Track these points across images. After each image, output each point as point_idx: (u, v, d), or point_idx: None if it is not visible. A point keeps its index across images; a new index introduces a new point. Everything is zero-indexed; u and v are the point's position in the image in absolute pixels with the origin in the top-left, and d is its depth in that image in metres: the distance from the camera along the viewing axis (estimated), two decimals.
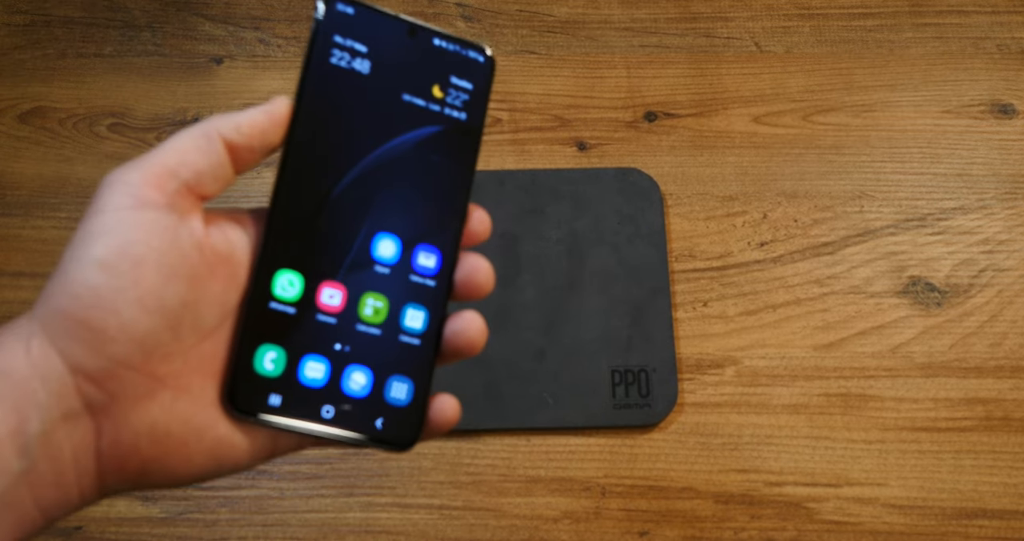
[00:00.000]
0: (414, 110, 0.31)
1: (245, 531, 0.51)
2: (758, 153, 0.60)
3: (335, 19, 0.30)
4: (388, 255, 0.30)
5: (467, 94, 0.31)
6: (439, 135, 0.31)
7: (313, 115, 0.29)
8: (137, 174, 0.27)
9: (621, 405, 0.53)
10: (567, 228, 0.57)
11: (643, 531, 0.51)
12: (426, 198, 0.31)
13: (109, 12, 0.63)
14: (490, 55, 0.32)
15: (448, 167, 0.31)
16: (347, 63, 0.30)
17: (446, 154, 0.31)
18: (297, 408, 0.29)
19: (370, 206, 0.30)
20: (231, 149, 0.28)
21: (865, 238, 0.57)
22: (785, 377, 0.54)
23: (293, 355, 0.29)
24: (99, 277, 0.25)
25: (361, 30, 0.30)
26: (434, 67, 0.31)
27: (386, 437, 0.29)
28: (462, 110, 0.31)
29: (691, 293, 0.56)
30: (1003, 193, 0.59)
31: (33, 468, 0.24)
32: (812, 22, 0.64)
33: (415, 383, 0.30)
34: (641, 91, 0.61)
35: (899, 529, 0.51)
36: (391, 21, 0.30)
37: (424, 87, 0.31)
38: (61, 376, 0.25)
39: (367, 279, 0.30)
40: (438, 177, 0.31)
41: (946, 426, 0.53)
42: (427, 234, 0.31)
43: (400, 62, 0.30)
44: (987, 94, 0.61)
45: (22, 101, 0.61)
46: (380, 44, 0.30)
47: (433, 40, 0.31)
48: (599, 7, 0.64)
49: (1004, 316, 0.55)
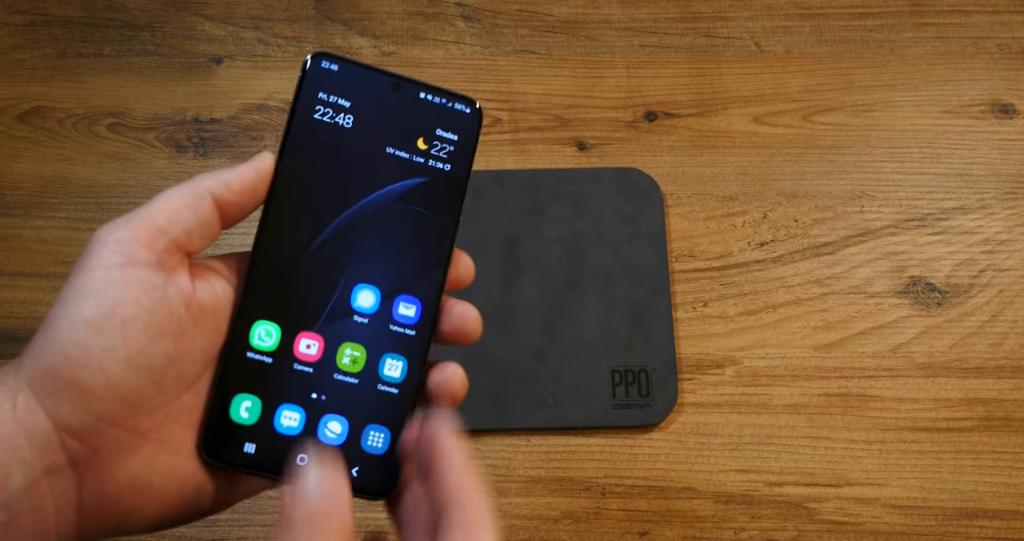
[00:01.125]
0: (397, 162, 0.31)
1: (245, 531, 0.51)
2: (758, 153, 0.60)
3: (319, 76, 0.31)
4: (367, 305, 0.31)
5: (452, 145, 0.32)
6: (422, 186, 0.31)
7: (295, 168, 0.30)
8: (126, 232, 0.27)
9: (621, 405, 0.53)
10: (567, 228, 0.57)
11: (643, 531, 0.51)
12: (407, 249, 0.31)
13: (108, 12, 0.63)
14: (478, 107, 0.32)
15: (430, 218, 0.31)
16: (330, 118, 0.31)
17: (428, 205, 0.31)
18: (271, 456, 0.29)
19: (349, 257, 0.31)
20: (220, 206, 0.28)
21: (865, 238, 0.57)
22: (785, 377, 0.54)
23: (269, 404, 0.29)
24: (89, 337, 0.25)
25: (345, 86, 0.31)
26: (418, 120, 0.32)
27: (361, 485, 0.30)
28: (447, 161, 0.32)
29: (691, 293, 0.56)
30: (1003, 193, 0.59)
31: (13, 520, 0.24)
32: (812, 22, 0.64)
33: (391, 432, 0.30)
34: (641, 91, 0.61)
35: (899, 529, 0.51)
36: (376, 76, 0.31)
37: (408, 139, 0.31)
38: (46, 432, 0.25)
39: (345, 329, 0.30)
40: (420, 227, 0.31)
41: (946, 426, 0.53)
42: (408, 285, 0.31)
43: (384, 116, 0.31)
44: (987, 94, 0.61)
45: (21, 101, 0.61)
46: (364, 99, 0.31)
47: (419, 94, 0.32)
48: (599, 7, 0.64)
49: (1004, 316, 0.55)
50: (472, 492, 0.26)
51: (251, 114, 0.61)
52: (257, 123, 0.60)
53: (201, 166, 0.59)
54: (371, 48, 0.63)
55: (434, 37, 0.63)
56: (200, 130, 0.60)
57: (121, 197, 0.58)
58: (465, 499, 0.26)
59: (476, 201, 0.57)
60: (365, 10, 0.64)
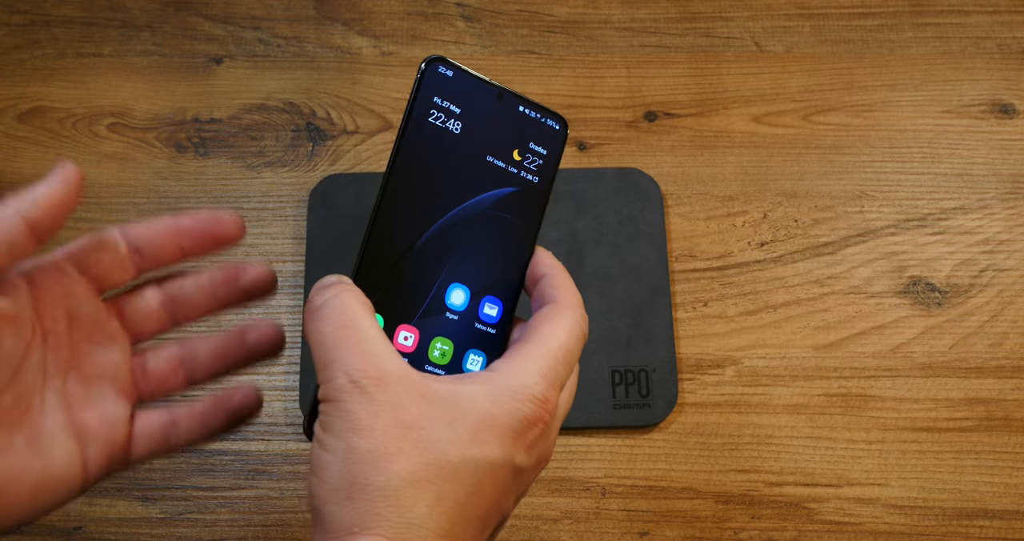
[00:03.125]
0: (495, 171, 0.33)
1: (245, 531, 0.51)
2: (758, 153, 0.60)
3: (436, 80, 0.32)
4: (458, 303, 0.33)
5: (541, 159, 0.34)
6: (513, 195, 0.33)
7: (408, 169, 0.32)
8: None
9: (621, 405, 0.53)
10: (567, 228, 0.57)
11: (643, 531, 0.51)
12: (495, 252, 0.33)
13: (108, 12, 0.63)
14: (566, 124, 0.34)
15: (517, 225, 0.34)
16: (442, 122, 0.32)
17: (517, 213, 0.34)
18: None
19: (447, 258, 0.33)
20: (30, 224, 0.29)
21: (865, 238, 0.57)
22: (785, 377, 0.54)
23: None
24: None
25: (457, 92, 0.33)
26: (516, 132, 0.34)
27: None
28: (535, 173, 0.34)
29: (691, 293, 0.56)
30: (1003, 193, 0.59)
31: None
32: (812, 22, 0.64)
33: None
34: (641, 91, 0.61)
35: (899, 529, 0.51)
36: (483, 86, 0.33)
37: (506, 150, 0.33)
38: None
39: (438, 324, 0.33)
40: (508, 234, 0.34)
41: (946, 426, 0.53)
42: (493, 286, 0.33)
43: (487, 125, 0.33)
44: (987, 94, 0.61)
45: (21, 101, 0.61)
46: (472, 107, 0.33)
47: (518, 106, 0.34)
48: (599, 7, 0.64)
49: (1005, 316, 0.55)
50: (559, 295, 0.32)
51: (251, 114, 0.61)
52: (257, 123, 0.60)
53: (201, 166, 0.59)
54: (371, 48, 0.63)
55: (434, 37, 0.63)
56: (200, 130, 0.60)
57: (121, 197, 0.58)
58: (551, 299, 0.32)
59: None
60: (365, 10, 0.64)
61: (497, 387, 0.29)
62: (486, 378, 0.29)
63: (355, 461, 0.26)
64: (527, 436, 0.29)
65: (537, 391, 0.29)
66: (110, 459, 0.32)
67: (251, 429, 0.53)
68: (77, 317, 0.32)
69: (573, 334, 0.31)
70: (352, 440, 0.27)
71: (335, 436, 0.27)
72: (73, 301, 0.32)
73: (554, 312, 0.31)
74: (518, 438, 0.29)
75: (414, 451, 0.27)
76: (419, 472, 0.27)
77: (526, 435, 0.29)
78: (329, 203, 0.57)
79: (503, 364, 0.30)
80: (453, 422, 0.28)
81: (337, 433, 0.27)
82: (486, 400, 0.28)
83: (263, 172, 0.59)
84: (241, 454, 0.52)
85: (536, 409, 0.29)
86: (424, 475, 0.27)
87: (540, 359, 0.30)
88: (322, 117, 0.61)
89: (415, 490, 0.26)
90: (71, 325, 0.32)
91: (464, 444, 0.27)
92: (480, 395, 0.28)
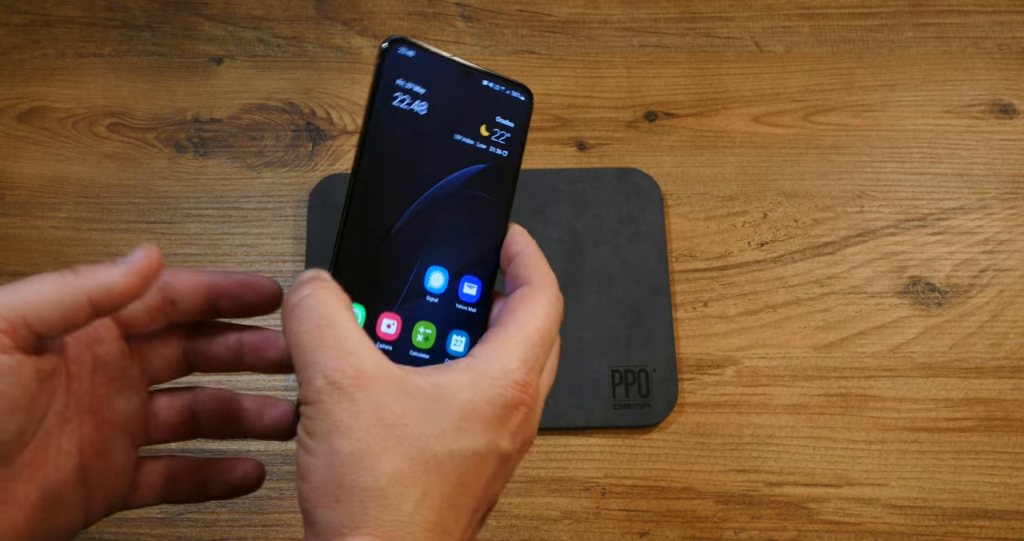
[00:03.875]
0: (464, 149, 0.32)
1: (245, 531, 0.51)
2: (758, 153, 0.60)
3: (397, 62, 0.31)
4: (438, 286, 0.33)
5: (509, 132, 0.33)
6: (484, 172, 0.33)
7: (377, 155, 0.31)
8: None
9: (621, 405, 0.53)
10: (567, 228, 0.57)
11: (643, 531, 0.51)
12: (470, 231, 0.33)
13: (108, 12, 0.63)
14: (531, 94, 0.33)
15: (490, 202, 0.33)
16: (407, 105, 0.31)
17: (489, 190, 0.33)
18: None
19: (423, 241, 0.32)
20: (95, 305, 0.28)
21: (865, 238, 0.57)
22: (785, 377, 0.54)
23: None
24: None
25: (421, 72, 0.32)
26: (482, 107, 0.33)
27: None
28: (504, 147, 0.33)
29: (691, 293, 0.56)
30: (1003, 193, 0.59)
31: None
32: (812, 22, 0.64)
33: None
34: (641, 91, 0.61)
35: (899, 529, 0.51)
36: (446, 63, 0.32)
37: (474, 127, 0.33)
38: None
39: (419, 309, 0.32)
40: (481, 211, 0.33)
41: (946, 426, 0.53)
42: (471, 265, 0.33)
43: (454, 103, 0.32)
44: (987, 94, 0.61)
45: (21, 101, 0.61)
46: (436, 86, 0.32)
47: (483, 81, 0.33)
48: (599, 7, 0.64)
49: (1005, 316, 0.55)
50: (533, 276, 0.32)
51: (251, 114, 0.61)
52: (257, 123, 0.60)
53: (201, 166, 0.59)
54: (371, 48, 0.63)
55: (434, 37, 0.63)
56: (200, 130, 0.60)
57: (121, 197, 0.58)
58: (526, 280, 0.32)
59: None
60: (365, 10, 0.64)
61: (478, 374, 0.29)
62: (466, 365, 0.29)
63: (340, 463, 0.26)
64: (511, 422, 0.29)
65: (518, 376, 0.29)
66: (109, 506, 0.32)
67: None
68: (102, 361, 0.32)
69: (550, 316, 0.31)
70: (335, 442, 0.27)
71: (318, 439, 0.27)
72: (101, 347, 0.31)
73: (530, 294, 0.31)
74: (502, 424, 0.29)
75: (398, 449, 0.27)
76: (405, 469, 0.27)
77: (509, 421, 0.29)
78: (329, 203, 0.57)
79: (482, 350, 0.30)
80: (436, 416, 0.27)
81: (320, 436, 0.27)
82: (468, 389, 0.28)
83: (263, 172, 0.59)
84: (241, 454, 0.52)
85: (518, 394, 0.29)
86: (411, 472, 0.27)
87: (519, 343, 0.30)
88: (322, 117, 0.61)
89: (402, 488, 0.26)
90: (94, 369, 0.31)
91: (449, 437, 0.27)
92: (462, 385, 0.28)
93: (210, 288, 0.32)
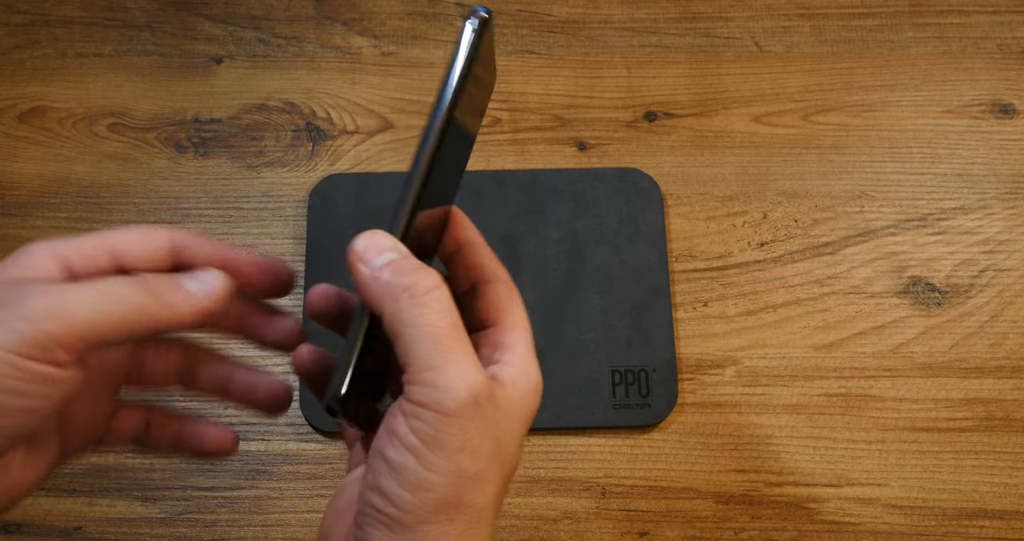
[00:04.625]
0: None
1: (245, 531, 0.51)
2: (758, 153, 0.60)
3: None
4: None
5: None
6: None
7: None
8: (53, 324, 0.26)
9: (621, 405, 0.53)
10: (567, 228, 0.57)
11: (643, 531, 0.51)
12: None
13: (108, 12, 0.63)
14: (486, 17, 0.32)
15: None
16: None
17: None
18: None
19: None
20: (151, 330, 0.27)
21: (865, 238, 0.57)
22: (785, 377, 0.54)
23: None
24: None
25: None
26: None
27: None
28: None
29: (691, 293, 0.56)
30: (1004, 193, 0.59)
31: None
32: (812, 22, 0.64)
33: None
34: (641, 91, 0.61)
35: (899, 529, 0.51)
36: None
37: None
38: None
39: None
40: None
41: (946, 426, 0.53)
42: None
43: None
44: (987, 94, 0.61)
45: (21, 101, 0.61)
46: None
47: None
48: (599, 7, 0.64)
49: (1005, 316, 0.55)
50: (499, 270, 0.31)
51: (251, 114, 0.61)
52: (257, 123, 0.60)
53: (201, 166, 0.59)
54: (371, 48, 0.63)
55: (434, 37, 0.63)
56: (200, 130, 0.60)
57: (121, 197, 0.58)
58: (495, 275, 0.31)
59: (476, 201, 0.57)
60: (365, 10, 0.64)
61: (524, 389, 0.29)
62: (513, 377, 0.29)
63: (462, 484, 0.26)
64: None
65: (540, 383, 0.30)
66: (84, 446, 0.32)
67: (251, 429, 0.53)
68: None
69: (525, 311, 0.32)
70: (462, 462, 0.26)
71: (443, 456, 0.26)
72: None
73: (506, 294, 0.31)
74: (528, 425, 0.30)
75: (499, 470, 0.28)
76: (499, 488, 0.28)
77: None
78: (329, 203, 0.57)
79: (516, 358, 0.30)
80: (516, 433, 0.29)
81: (446, 453, 0.26)
82: (522, 403, 0.29)
83: (263, 172, 0.59)
84: (241, 454, 0.52)
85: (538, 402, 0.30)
86: (502, 489, 0.28)
87: (530, 349, 0.30)
88: (322, 117, 0.61)
89: (496, 504, 0.28)
90: None
91: (518, 450, 0.29)
92: (523, 399, 0.29)
93: (223, 263, 0.31)
